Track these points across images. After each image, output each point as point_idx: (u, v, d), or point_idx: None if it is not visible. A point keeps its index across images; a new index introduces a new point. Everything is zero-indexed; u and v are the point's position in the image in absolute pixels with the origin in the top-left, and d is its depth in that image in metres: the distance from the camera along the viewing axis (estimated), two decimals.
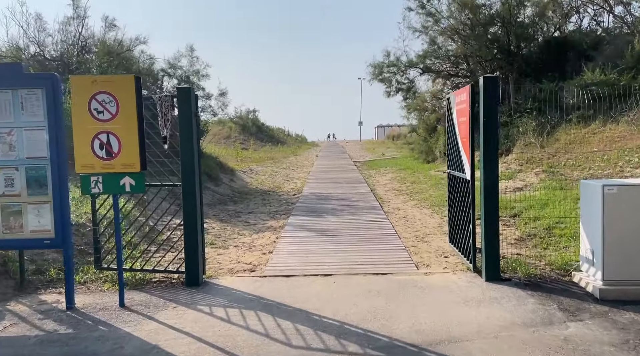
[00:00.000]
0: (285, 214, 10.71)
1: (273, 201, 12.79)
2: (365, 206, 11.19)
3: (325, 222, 9.42)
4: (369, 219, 9.52)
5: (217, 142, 33.71)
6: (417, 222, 9.33)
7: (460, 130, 6.31)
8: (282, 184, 16.69)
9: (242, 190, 14.88)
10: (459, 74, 19.50)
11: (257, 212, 11.21)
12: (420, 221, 9.44)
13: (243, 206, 12.16)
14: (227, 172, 16.27)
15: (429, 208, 10.61)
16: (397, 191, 13.76)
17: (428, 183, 14.52)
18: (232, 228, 9.35)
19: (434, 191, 12.95)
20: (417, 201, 11.70)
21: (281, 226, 9.35)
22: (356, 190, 13.91)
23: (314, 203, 12.01)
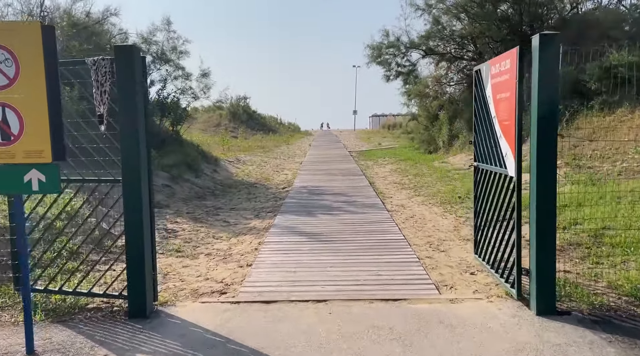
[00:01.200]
0: (272, 211, 9.20)
1: (260, 196, 11.26)
2: (365, 202, 9.70)
3: (318, 223, 7.91)
4: (370, 220, 8.02)
5: (206, 130, 32.09)
6: (427, 224, 7.85)
7: (498, 110, 4.79)
8: (271, 175, 15.15)
9: (225, 182, 13.32)
10: (464, 56, 17.96)
11: (240, 209, 9.68)
12: (431, 222, 7.96)
13: (225, 201, 10.62)
14: (211, 162, 14.70)
15: (440, 206, 9.12)
16: (399, 184, 12.27)
17: (433, 176, 13.04)
18: (208, 229, 7.82)
19: (442, 185, 11.48)
20: (424, 197, 10.21)
21: (266, 227, 7.84)
22: (353, 183, 12.42)
23: (305, 198, 10.49)
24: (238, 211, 9.47)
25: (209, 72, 14.20)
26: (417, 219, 8.16)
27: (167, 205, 9.42)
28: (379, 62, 18.23)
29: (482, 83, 5.34)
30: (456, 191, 10.16)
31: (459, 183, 11.30)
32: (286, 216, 8.57)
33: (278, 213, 8.92)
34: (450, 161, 15.72)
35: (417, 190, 11.24)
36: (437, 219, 8.10)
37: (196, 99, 14.19)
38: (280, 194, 11.39)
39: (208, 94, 14.47)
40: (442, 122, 18.03)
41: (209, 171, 13.75)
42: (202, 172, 13.18)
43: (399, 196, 10.67)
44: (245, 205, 10.06)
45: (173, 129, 13.90)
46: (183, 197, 10.47)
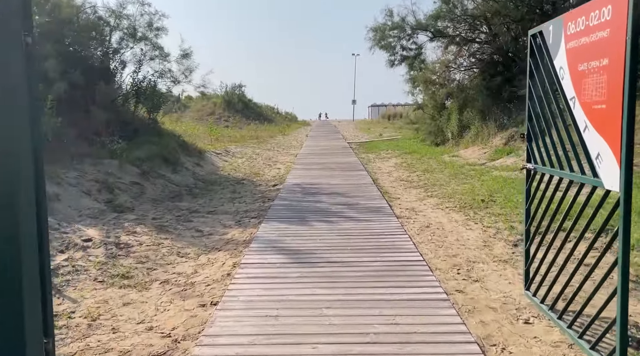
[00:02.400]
0: (257, 217, 7.61)
1: (246, 195, 9.66)
2: (368, 205, 8.10)
3: (312, 234, 6.32)
4: (376, 231, 6.44)
5: (199, 119, 30.49)
6: (448, 236, 6.27)
7: (581, 88, 3.19)
8: (262, 170, 13.54)
9: (208, 178, 11.71)
10: (476, 39, 16.28)
11: (220, 212, 8.09)
12: (453, 234, 6.38)
13: (203, 201, 9.01)
14: (193, 154, 13.06)
15: (459, 211, 7.53)
16: (407, 182, 10.68)
17: (445, 172, 11.45)
18: (173, 242, 6.22)
19: (457, 183, 9.88)
20: (438, 199, 8.62)
21: (247, 240, 6.25)
22: (354, 180, 10.83)
23: (298, 199, 8.89)
24: (217, 215, 7.87)
25: (190, 52, 12.51)
26: (435, 230, 6.57)
27: (131, 208, 7.80)
28: (382, 46, 16.54)
29: (547, 50, 3.73)
30: (476, 192, 8.57)
31: (476, 182, 9.71)
32: (273, 224, 6.98)
33: (264, 219, 7.33)
34: (462, 154, 14.11)
35: (428, 189, 9.65)
36: (460, 230, 6.51)
37: (176, 84, 12.51)
38: (269, 193, 9.79)
39: (190, 78, 12.78)
40: (451, 112, 16.40)
41: (190, 165, 12.12)
42: (182, 166, 11.56)
43: (407, 196, 9.08)
44: (227, 207, 8.46)
45: (150, 116, 12.24)
46: (153, 197, 8.86)
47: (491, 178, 9.75)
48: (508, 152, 11.87)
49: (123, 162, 9.52)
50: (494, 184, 9.02)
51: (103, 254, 5.44)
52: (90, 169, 8.77)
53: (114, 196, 8.01)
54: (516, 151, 11.70)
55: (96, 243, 5.75)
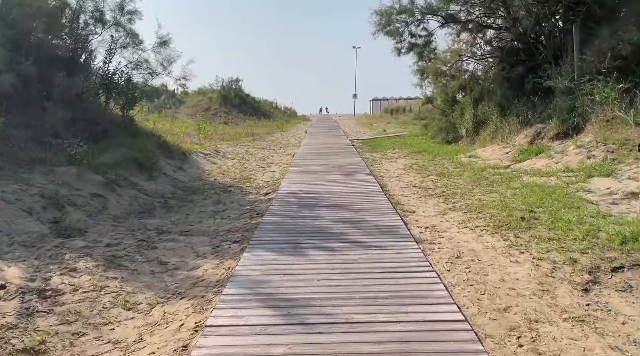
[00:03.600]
0: (240, 240, 6.05)
1: (231, 207, 8.10)
2: (378, 223, 6.53)
3: (306, 272, 4.76)
4: (392, 265, 4.88)
5: (194, 115, 28.98)
6: (490, 274, 4.70)
7: None
8: (253, 173, 11.96)
9: (191, 185, 10.14)
10: (493, 24, 14.62)
11: (196, 232, 6.53)
12: (493, 268, 4.81)
13: (179, 217, 7.45)
14: (176, 156, 11.49)
15: (494, 232, 5.94)
16: (421, 189, 9.11)
17: (464, 177, 9.86)
18: (123, 283, 4.66)
19: (482, 192, 8.30)
20: (462, 213, 7.04)
21: (221, 280, 4.70)
22: (358, 187, 9.26)
23: (292, 214, 7.31)
24: (191, 237, 6.31)
25: (169, 40, 10.89)
26: (470, 263, 5.00)
27: (83, 231, 6.24)
28: (387, 32, 14.88)
29: None
30: (510, 206, 6.99)
31: (506, 190, 8.12)
32: (258, 252, 5.41)
33: (248, 244, 5.77)
34: (480, 154, 12.51)
35: (448, 200, 8.06)
36: (503, 264, 4.93)
37: (154, 76, 10.92)
38: (259, 205, 8.22)
39: (169, 69, 11.18)
40: (465, 106, 14.77)
41: (170, 169, 10.55)
42: (160, 172, 9.98)
43: (424, 209, 7.50)
44: (206, 225, 6.90)
45: (124, 114, 10.65)
46: (117, 213, 7.29)
47: (523, 186, 8.17)
48: (536, 153, 10.27)
49: (83, 169, 7.96)
50: (530, 194, 7.44)
51: (14, 312, 3.88)
52: (38, 180, 7.21)
53: (63, 214, 6.45)
54: (547, 151, 10.10)
55: (11, 292, 4.19)
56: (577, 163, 8.89)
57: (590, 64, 11.26)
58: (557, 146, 10.34)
